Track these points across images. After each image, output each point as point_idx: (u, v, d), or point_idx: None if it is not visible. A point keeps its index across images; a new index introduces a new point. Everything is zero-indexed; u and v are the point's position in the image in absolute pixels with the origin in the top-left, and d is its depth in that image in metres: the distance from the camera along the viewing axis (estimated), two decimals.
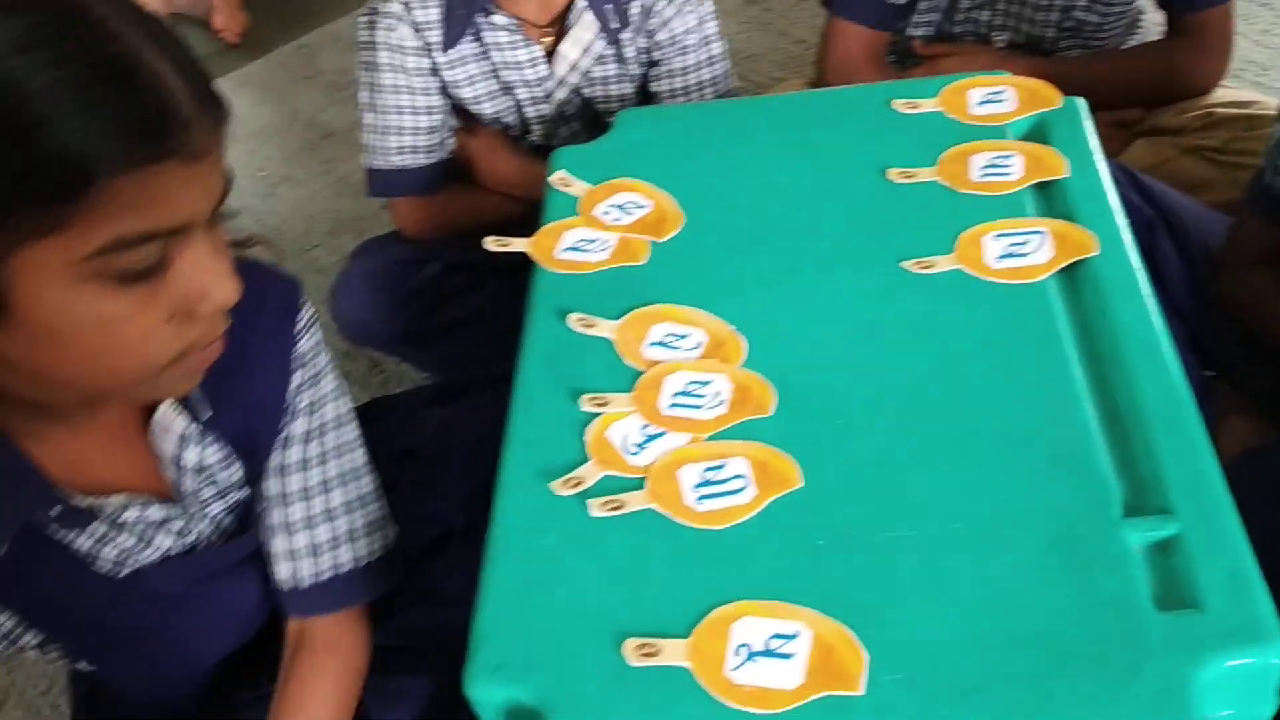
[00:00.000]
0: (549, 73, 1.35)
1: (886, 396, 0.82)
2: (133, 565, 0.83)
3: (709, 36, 1.36)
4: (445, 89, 1.36)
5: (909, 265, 0.91)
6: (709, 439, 0.82)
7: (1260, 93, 1.65)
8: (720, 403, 0.84)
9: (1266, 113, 1.37)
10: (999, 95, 1.06)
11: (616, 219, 1.02)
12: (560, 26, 1.33)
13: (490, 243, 1.00)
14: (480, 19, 1.30)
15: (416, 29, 1.31)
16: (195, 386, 0.78)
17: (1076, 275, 0.88)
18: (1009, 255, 0.90)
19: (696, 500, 0.77)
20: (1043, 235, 0.91)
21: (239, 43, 2.49)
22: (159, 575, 0.85)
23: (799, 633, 0.69)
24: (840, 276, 0.92)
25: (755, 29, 2.25)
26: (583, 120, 1.42)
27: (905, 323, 0.87)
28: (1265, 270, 1.11)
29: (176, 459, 0.82)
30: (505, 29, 1.31)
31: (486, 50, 1.33)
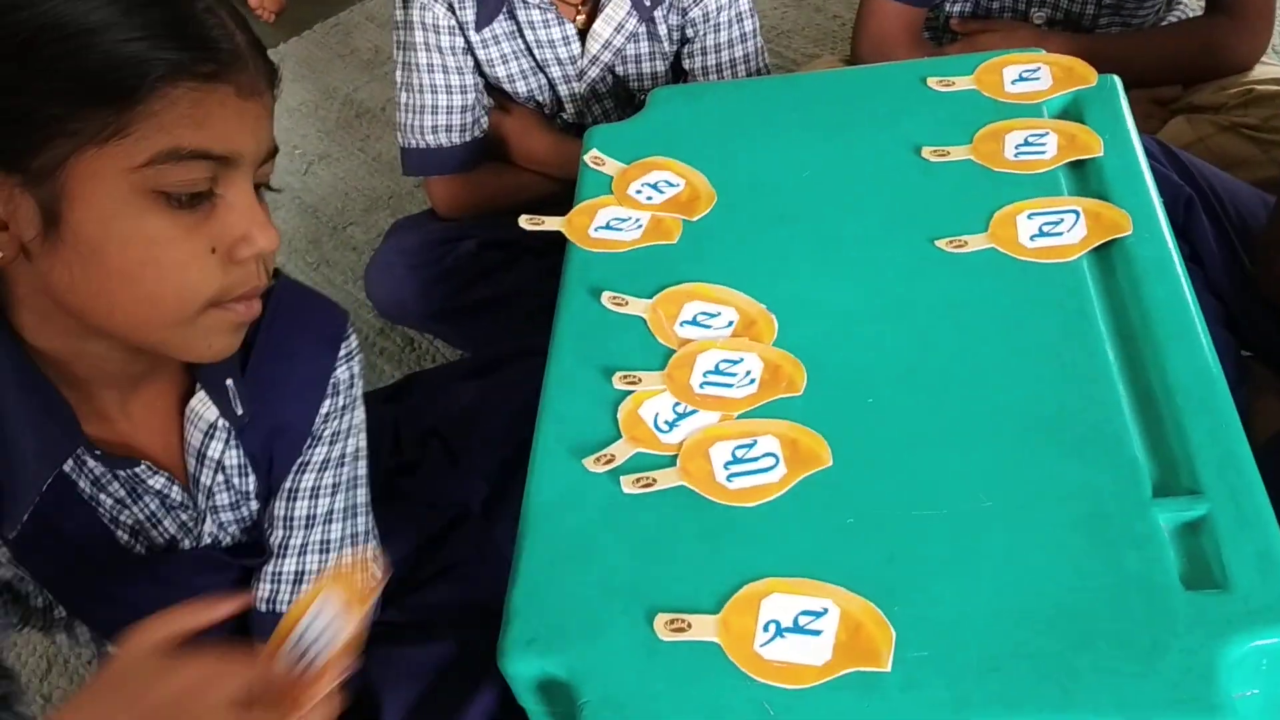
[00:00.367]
0: (582, 51, 1.35)
1: (917, 376, 0.82)
2: (144, 544, 0.84)
3: (742, 13, 1.36)
4: (479, 68, 1.37)
5: (942, 244, 0.91)
6: (740, 417, 0.82)
7: None
8: (751, 381, 0.84)
9: None
10: (1034, 73, 1.06)
11: (649, 198, 1.02)
12: (594, 5, 1.33)
13: (524, 221, 1.01)
14: None
15: (450, 8, 1.32)
16: (235, 382, 0.80)
17: (1110, 255, 0.88)
18: (1042, 234, 0.90)
19: (727, 478, 0.78)
20: (1077, 214, 0.91)
21: (275, 20, 2.51)
22: (170, 562, 0.86)
23: (827, 609, 0.70)
24: (872, 255, 0.93)
25: (790, 5, 2.24)
26: (615, 98, 1.43)
27: (937, 302, 0.87)
28: None
29: (200, 450, 0.83)
30: (539, 7, 1.31)
31: (520, 29, 1.34)
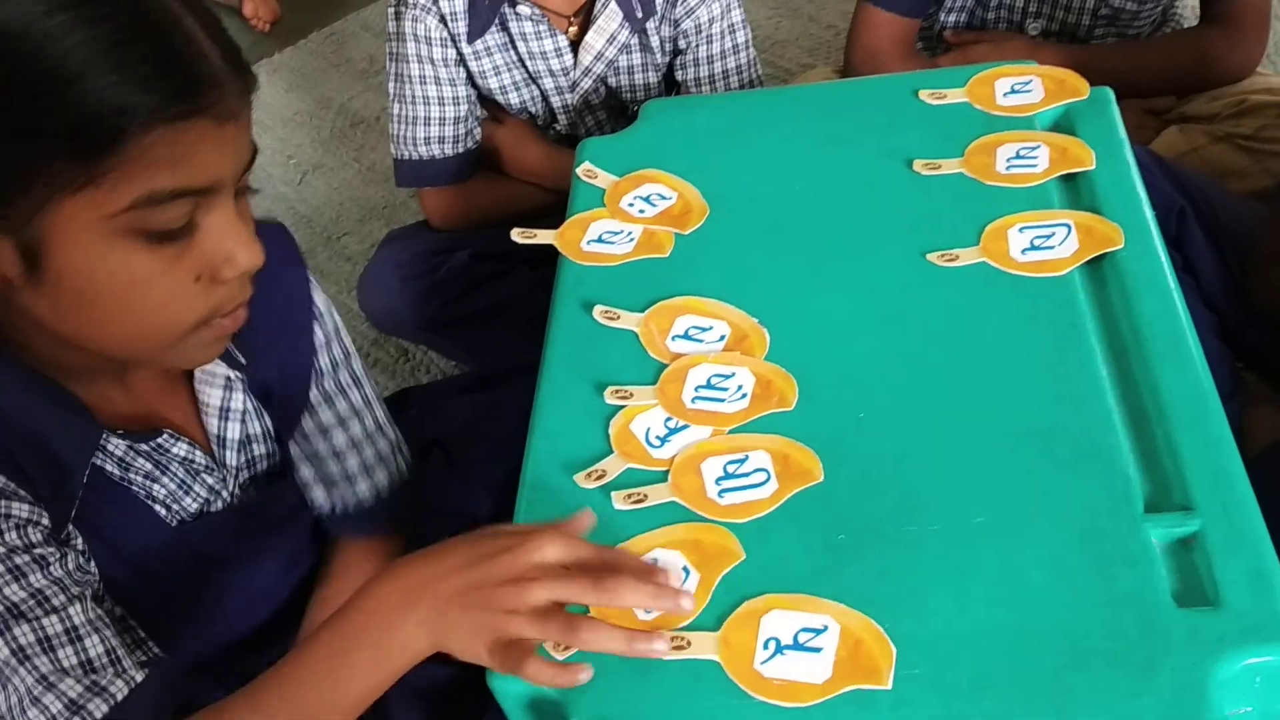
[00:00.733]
0: (574, 63, 1.35)
1: (909, 390, 0.82)
2: (179, 513, 0.84)
3: (734, 24, 1.36)
4: (472, 79, 1.37)
5: (933, 258, 0.91)
6: (731, 432, 0.82)
7: None
8: (743, 396, 0.84)
9: None
10: (1026, 85, 1.06)
11: (641, 210, 1.02)
12: (586, 16, 1.33)
13: (516, 234, 1.01)
14: (506, 9, 1.30)
15: (443, 19, 1.31)
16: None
17: (1102, 269, 0.88)
18: (1034, 248, 0.90)
19: (718, 494, 0.78)
20: (1068, 228, 0.91)
21: (269, 30, 2.51)
22: (203, 530, 0.86)
23: (827, 626, 0.69)
24: (864, 269, 0.92)
25: (784, 15, 2.24)
26: (608, 110, 1.43)
27: (929, 316, 0.87)
28: None
29: (222, 406, 0.84)
30: (531, 19, 1.31)
31: (512, 40, 1.34)
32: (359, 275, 1.50)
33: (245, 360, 0.85)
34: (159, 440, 0.81)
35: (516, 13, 1.31)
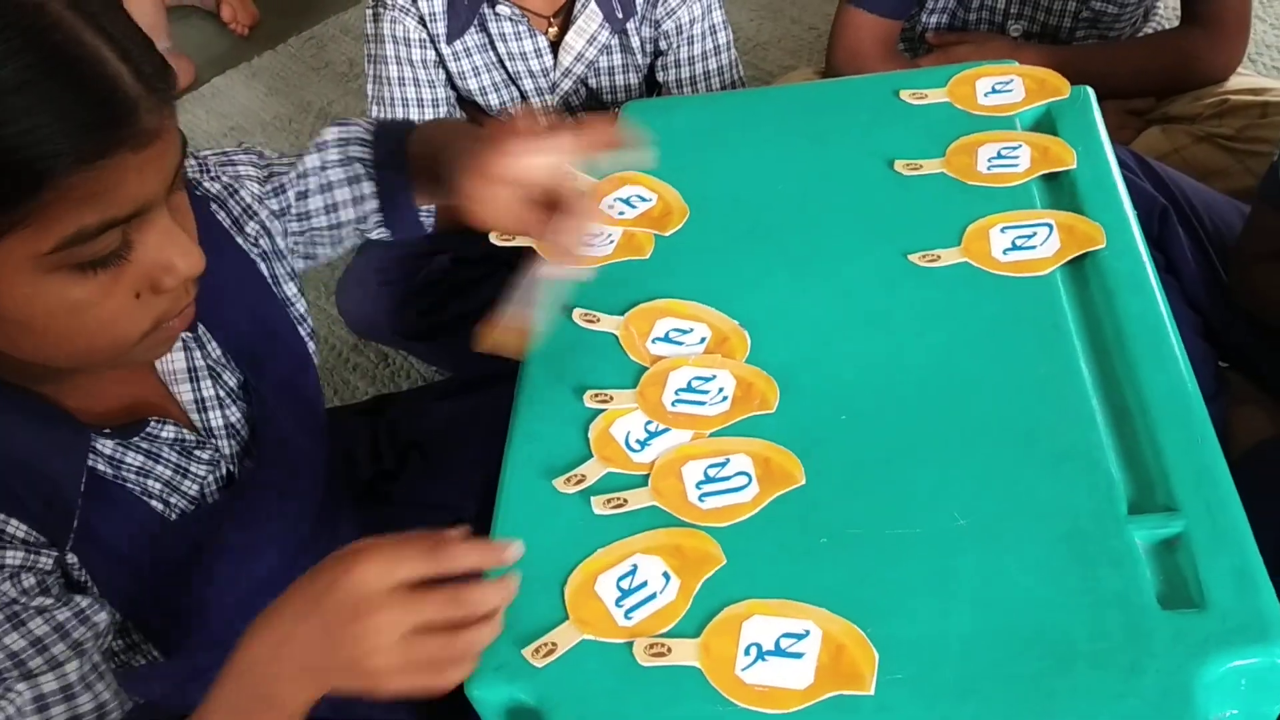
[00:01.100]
0: (554, 63, 1.34)
1: (891, 392, 0.81)
2: (179, 503, 0.83)
3: (715, 25, 1.36)
4: (451, 81, 1.36)
5: (915, 258, 0.90)
6: (712, 435, 0.81)
7: (1277, 78, 1.63)
8: (724, 399, 0.83)
9: None
10: (1007, 85, 1.05)
11: (621, 212, 1.01)
12: (566, 17, 1.32)
13: (494, 238, 1.00)
14: (486, 10, 1.30)
15: (422, 20, 1.31)
16: None
17: (1084, 268, 0.88)
18: (1015, 248, 0.89)
19: (699, 498, 0.77)
20: (1050, 228, 0.90)
21: (248, 34, 2.49)
22: (201, 520, 0.85)
23: (809, 631, 0.69)
24: (846, 270, 0.92)
25: (766, 16, 2.24)
26: (589, 111, 1.42)
27: (911, 317, 0.87)
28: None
29: (188, 368, 0.83)
30: (510, 19, 1.30)
31: (492, 41, 1.33)
32: (337, 280, 1.49)
33: (199, 319, 0.83)
34: (147, 430, 0.80)
35: (496, 13, 1.30)
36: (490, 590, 0.69)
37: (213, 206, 0.88)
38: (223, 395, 0.86)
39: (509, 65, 1.34)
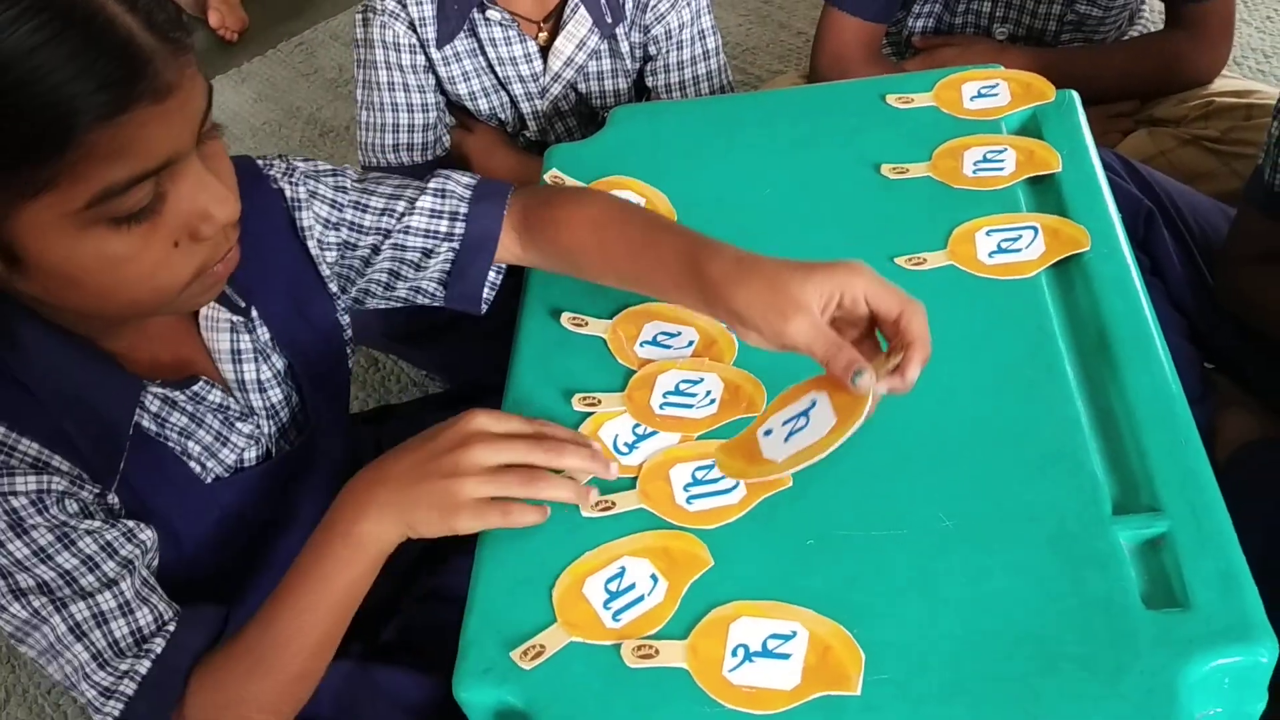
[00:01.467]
0: (544, 69, 1.34)
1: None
2: (215, 468, 0.84)
3: (704, 31, 1.36)
4: (441, 86, 1.36)
5: (901, 261, 0.91)
6: (700, 438, 0.82)
7: (1261, 81, 1.64)
8: (711, 402, 0.83)
9: (1265, 102, 1.36)
10: (992, 89, 1.06)
11: None
12: (556, 22, 1.33)
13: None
14: (475, 15, 1.30)
15: (411, 25, 1.31)
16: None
17: (1069, 271, 0.88)
18: (1001, 251, 0.90)
19: (687, 500, 0.77)
20: (1035, 231, 0.91)
21: (237, 40, 2.49)
22: (236, 488, 0.86)
23: (796, 632, 0.69)
24: None
25: (754, 21, 2.25)
26: (578, 116, 1.42)
27: None
28: (1265, 266, 1.10)
29: (232, 350, 0.84)
30: (500, 25, 1.30)
31: (482, 46, 1.33)
32: None
33: (245, 303, 0.85)
34: (195, 388, 0.81)
35: (486, 18, 1.30)
36: (575, 451, 0.76)
37: (285, 203, 0.89)
38: (266, 378, 0.87)
39: (499, 70, 1.35)
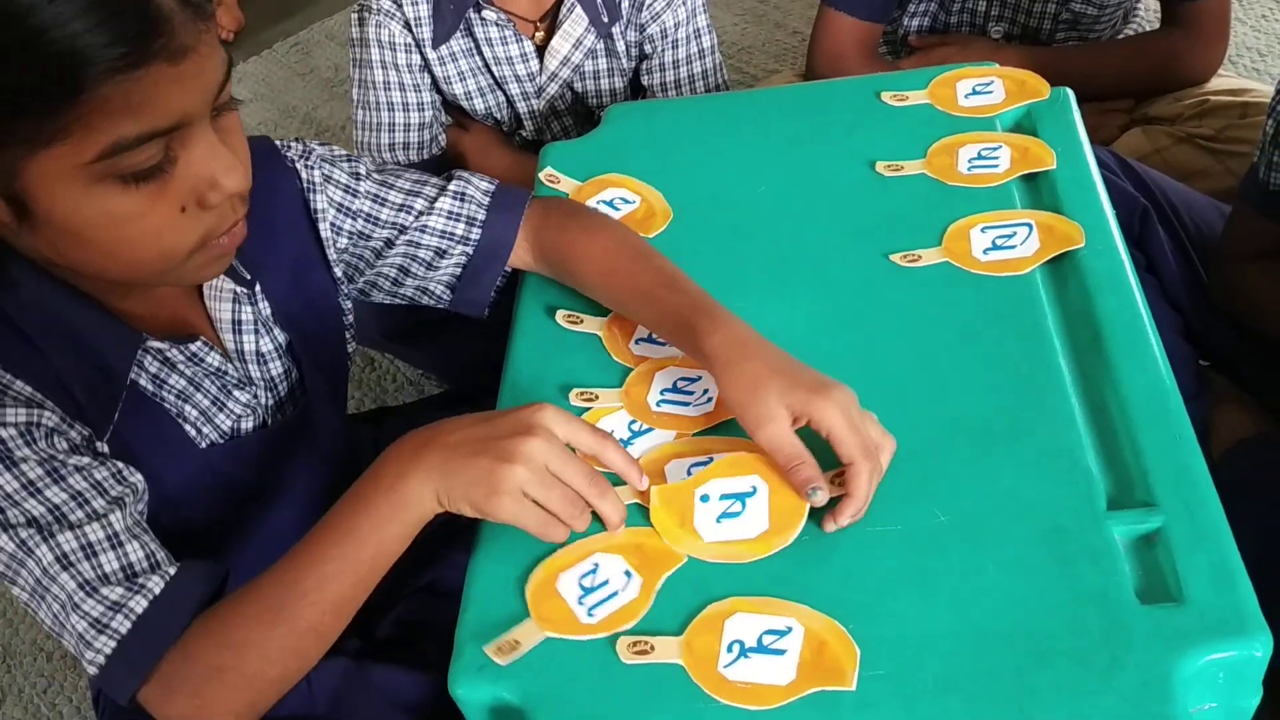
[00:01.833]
0: (540, 68, 1.34)
1: (871, 390, 0.81)
2: (210, 434, 0.84)
3: (700, 30, 1.36)
4: (436, 85, 1.36)
5: (896, 258, 0.91)
6: (696, 435, 0.82)
7: (1257, 79, 1.64)
8: (708, 399, 0.84)
9: (1260, 100, 1.36)
10: (987, 87, 1.06)
11: None
12: (551, 21, 1.33)
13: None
14: (471, 14, 1.30)
15: (407, 25, 1.31)
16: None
17: (1063, 268, 0.88)
18: (995, 248, 0.90)
19: None
20: (1029, 228, 0.91)
21: (233, 39, 2.49)
22: (229, 454, 0.86)
23: (791, 628, 0.69)
24: (828, 270, 0.92)
25: (750, 21, 2.25)
26: (574, 115, 1.42)
27: (891, 316, 0.87)
28: (1260, 264, 1.11)
29: (234, 320, 0.85)
30: (496, 24, 1.31)
31: (478, 46, 1.33)
32: None
33: (250, 276, 0.86)
34: (193, 349, 0.82)
35: (482, 18, 1.30)
36: (615, 499, 0.74)
37: (300, 184, 0.90)
38: (267, 350, 0.88)
39: (495, 70, 1.35)
